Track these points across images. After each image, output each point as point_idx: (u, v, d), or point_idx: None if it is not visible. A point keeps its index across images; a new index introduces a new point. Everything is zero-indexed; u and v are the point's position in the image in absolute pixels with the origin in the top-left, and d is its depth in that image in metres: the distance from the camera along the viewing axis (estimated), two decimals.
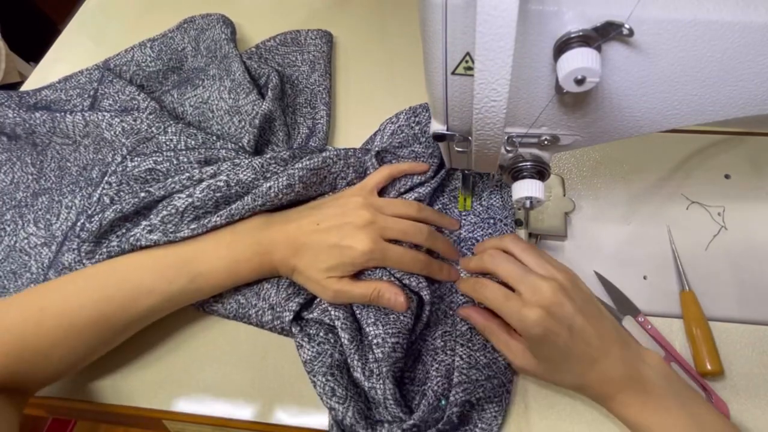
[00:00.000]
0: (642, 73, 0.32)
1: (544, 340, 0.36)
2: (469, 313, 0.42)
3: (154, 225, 0.44)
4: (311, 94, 0.60)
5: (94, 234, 0.46)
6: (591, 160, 0.54)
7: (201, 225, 0.43)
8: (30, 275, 0.50)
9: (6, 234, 0.53)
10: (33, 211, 0.54)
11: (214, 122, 0.57)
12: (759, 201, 0.49)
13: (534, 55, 0.31)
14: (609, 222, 0.50)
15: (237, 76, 0.57)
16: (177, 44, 0.64)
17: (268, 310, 0.44)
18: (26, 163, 0.57)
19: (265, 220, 0.44)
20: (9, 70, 0.97)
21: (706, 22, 0.29)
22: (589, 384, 0.38)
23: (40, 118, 0.56)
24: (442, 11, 0.29)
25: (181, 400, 0.43)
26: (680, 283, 0.45)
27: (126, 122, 0.53)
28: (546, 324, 0.36)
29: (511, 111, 0.35)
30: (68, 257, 0.49)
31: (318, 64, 0.62)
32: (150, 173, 0.49)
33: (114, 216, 0.45)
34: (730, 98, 0.33)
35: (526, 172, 0.39)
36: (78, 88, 0.61)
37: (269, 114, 0.54)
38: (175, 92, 0.61)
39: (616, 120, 0.35)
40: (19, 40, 1.19)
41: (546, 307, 0.36)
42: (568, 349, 0.36)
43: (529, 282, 0.37)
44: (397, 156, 0.51)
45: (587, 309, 0.37)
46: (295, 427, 0.42)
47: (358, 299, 0.42)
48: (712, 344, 0.41)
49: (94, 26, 0.74)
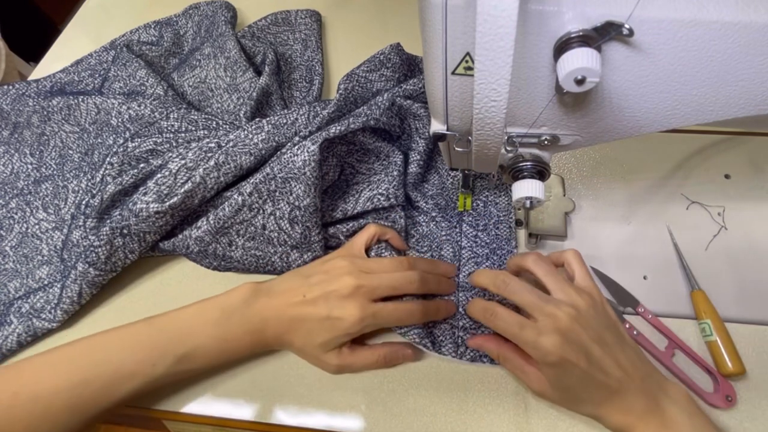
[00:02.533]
0: (642, 73, 0.32)
1: (560, 368, 0.35)
2: (481, 343, 0.42)
3: (149, 187, 0.45)
4: (306, 70, 0.62)
5: (97, 209, 0.47)
6: (591, 160, 0.54)
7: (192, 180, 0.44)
8: (41, 258, 0.51)
9: (15, 221, 0.53)
10: (39, 198, 0.55)
11: (214, 101, 0.59)
12: (759, 201, 0.49)
13: (534, 55, 0.31)
14: (609, 222, 0.50)
15: (232, 54, 0.60)
16: (180, 27, 0.67)
17: (293, 250, 0.45)
18: (24, 154, 0.58)
19: (252, 293, 0.41)
20: (9, 70, 0.97)
21: (706, 22, 0.29)
22: (607, 414, 0.37)
23: (57, 105, 0.58)
24: (442, 11, 0.29)
25: (181, 400, 0.43)
26: (688, 283, 0.45)
27: (132, 109, 0.54)
28: (562, 353, 0.35)
29: (511, 111, 0.35)
30: (75, 234, 0.50)
31: (310, 41, 0.65)
32: (150, 154, 0.50)
33: (114, 189, 0.47)
34: (730, 98, 0.33)
35: (526, 172, 0.39)
36: (89, 69, 0.64)
37: (266, 88, 0.56)
38: (175, 74, 0.63)
39: (616, 120, 0.35)
40: (19, 40, 1.19)
41: (563, 335, 0.35)
42: (586, 379, 0.35)
43: (546, 310, 0.36)
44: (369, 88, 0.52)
45: (607, 337, 0.36)
46: (295, 427, 0.42)
47: (362, 369, 0.42)
48: (731, 344, 0.41)
49: (94, 26, 0.74)
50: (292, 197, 0.45)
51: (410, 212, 0.50)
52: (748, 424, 0.39)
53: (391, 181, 0.48)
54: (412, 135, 0.52)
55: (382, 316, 0.40)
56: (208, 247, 0.47)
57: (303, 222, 0.45)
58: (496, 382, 0.42)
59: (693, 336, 0.43)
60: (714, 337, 0.41)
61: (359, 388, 0.43)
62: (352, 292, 0.40)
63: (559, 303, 0.37)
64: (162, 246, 0.48)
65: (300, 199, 0.44)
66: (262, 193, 0.45)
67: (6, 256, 0.51)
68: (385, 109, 0.50)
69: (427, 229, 0.49)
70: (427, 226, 0.49)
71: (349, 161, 0.51)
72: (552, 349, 0.35)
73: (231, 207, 0.45)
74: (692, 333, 0.43)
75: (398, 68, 0.55)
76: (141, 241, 0.46)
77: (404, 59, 0.56)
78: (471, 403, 0.41)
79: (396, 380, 0.43)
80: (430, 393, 0.42)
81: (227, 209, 0.45)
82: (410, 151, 0.52)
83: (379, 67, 0.54)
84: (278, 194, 0.45)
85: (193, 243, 0.47)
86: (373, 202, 0.47)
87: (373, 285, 0.41)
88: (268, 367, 0.44)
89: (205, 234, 0.46)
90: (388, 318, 0.41)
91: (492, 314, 0.38)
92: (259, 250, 0.47)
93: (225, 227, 0.46)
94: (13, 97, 0.61)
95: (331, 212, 0.48)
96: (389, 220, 0.47)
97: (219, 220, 0.45)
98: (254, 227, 0.46)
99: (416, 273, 0.42)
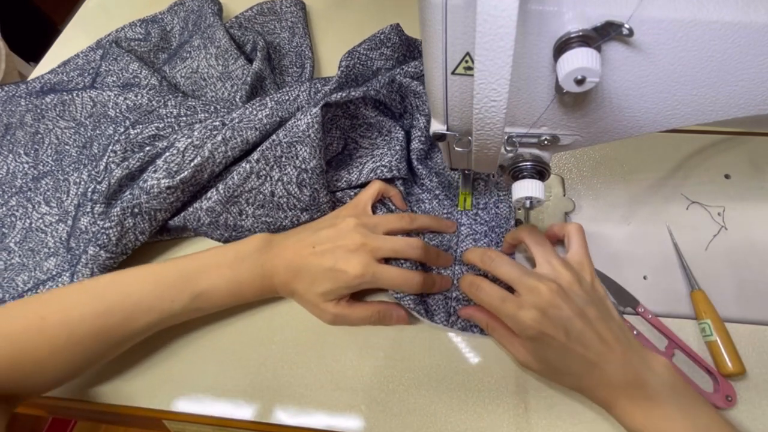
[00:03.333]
0: (642, 73, 0.32)
1: (539, 342, 0.36)
2: (471, 313, 0.43)
3: (158, 165, 0.46)
4: (296, 56, 0.64)
5: (105, 194, 0.48)
6: (591, 160, 0.54)
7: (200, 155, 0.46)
8: (48, 250, 0.51)
9: (17, 218, 0.53)
10: (40, 193, 0.55)
11: (207, 90, 0.60)
12: (759, 201, 0.49)
13: (534, 55, 0.31)
14: (609, 222, 0.50)
15: (222, 44, 0.60)
16: (166, 24, 0.67)
17: (303, 213, 0.47)
18: (19, 154, 0.58)
19: (265, 242, 0.44)
20: (9, 70, 0.97)
21: (706, 22, 0.29)
22: (588, 387, 0.37)
23: (50, 103, 0.58)
24: (442, 11, 0.29)
25: (181, 400, 0.43)
26: (688, 283, 0.45)
27: (129, 99, 0.54)
28: (540, 327, 0.36)
29: (511, 111, 0.35)
30: (84, 221, 0.50)
31: (297, 28, 0.66)
32: (154, 139, 0.51)
33: (121, 173, 0.47)
34: (730, 98, 0.33)
35: (526, 172, 0.39)
36: (77, 69, 0.64)
37: (260, 72, 0.57)
38: (167, 68, 0.63)
39: (616, 120, 0.35)
40: (19, 40, 1.19)
41: (542, 309, 0.36)
42: (565, 352, 0.36)
43: (527, 283, 0.37)
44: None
45: (590, 311, 0.37)
46: (295, 427, 0.42)
47: (357, 322, 0.45)
48: (732, 344, 0.41)
49: (94, 26, 0.74)
50: (298, 161, 0.46)
51: (413, 189, 0.52)
52: (748, 423, 0.39)
53: (393, 155, 0.49)
54: (413, 113, 0.53)
55: (382, 276, 0.42)
56: (219, 218, 0.48)
57: (311, 184, 0.46)
58: (496, 382, 0.42)
59: (693, 336, 0.43)
60: (714, 337, 0.41)
61: (359, 388, 0.43)
62: (358, 248, 0.42)
63: (542, 277, 0.38)
64: (172, 223, 0.49)
65: (306, 162, 0.46)
66: (269, 159, 0.46)
67: (11, 252, 0.51)
68: (386, 83, 0.51)
69: (429, 206, 0.51)
70: (430, 203, 0.51)
71: (353, 136, 0.53)
72: (531, 323, 0.36)
73: (240, 175, 0.46)
74: (692, 333, 0.43)
75: (397, 48, 0.56)
76: (152, 220, 0.47)
77: (403, 40, 0.57)
78: (471, 403, 0.41)
79: (396, 380, 0.43)
80: (430, 393, 0.42)
81: (236, 178, 0.46)
82: (412, 129, 0.53)
83: (379, 46, 0.55)
84: (284, 159, 0.46)
85: (204, 214, 0.47)
86: (376, 173, 0.49)
87: (378, 245, 0.43)
88: (268, 367, 0.44)
89: (215, 204, 0.47)
90: (387, 280, 0.42)
91: (477, 288, 0.40)
92: (269, 217, 0.48)
93: (235, 196, 0.47)
94: (3, 99, 0.61)
95: (336, 182, 0.50)
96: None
97: (228, 189, 0.46)
98: (263, 195, 0.47)
99: (419, 241, 0.44)
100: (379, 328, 0.45)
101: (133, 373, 0.45)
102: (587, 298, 0.38)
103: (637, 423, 0.35)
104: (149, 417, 0.44)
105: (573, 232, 0.42)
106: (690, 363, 0.42)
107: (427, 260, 0.45)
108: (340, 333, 0.45)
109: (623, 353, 0.36)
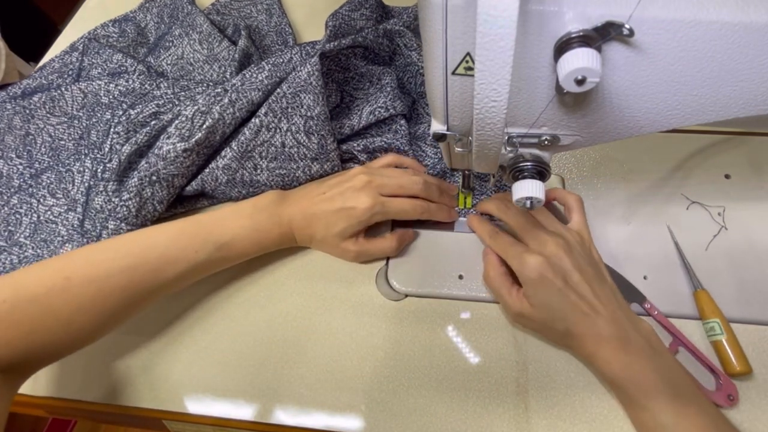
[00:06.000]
0: (642, 73, 0.32)
1: (539, 284, 0.39)
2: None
3: (170, 132, 0.48)
4: (276, 35, 0.65)
5: (116, 172, 0.49)
6: (591, 160, 0.54)
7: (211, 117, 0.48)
8: (61, 239, 0.51)
9: (23, 215, 0.53)
10: (43, 187, 0.55)
11: (195, 74, 0.61)
12: (759, 201, 0.49)
13: (534, 55, 0.31)
14: (609, 222, 0.50)
15: (204, 28, 0.61)
16: (140, 21, 0.68)
17: (313, 162, 0.50)
18: (11, 158, 0.57)
19: (281, 196, 0.48)
20: (9, 70, 0.97)
21: (706, 22, 0.29)
22: (577, 335, 0.39)
23: (38, 101, 0.58)
24: (442, 11, 0.29)
25: (181, 400, 0.43)
26: (689, 283, 0.45)
27: (121, 85, 0.55)
28: (543, 270, 0.39)
29: (511, 111, 0.35)
30: (98, 201, 0.50)
31: (273, 9, 0.67)
32: (155, 116, 0.52)
33: (131, 149, 0.49)
34: (730, 98, 0.33)
35: (527, 172, 0.39)
36: (55, 72, 0.64)
37: (246, 50, 0.59)
38: (151, 58, 0.63)
39: (616, 120, 0.35)
40: (19, 40, 1.19)
41: (547, 257, 0.40)
42: (562, 296, 0.39)
43: (535, 234, 0.42)
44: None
45: (588, 270, 0.40)
46: (295, 427, 0.42)
47: (378, 254, 0.48)
48: (737, 343, 0.41)
49: (94, 26, 0.73)
50: (303, 109, 0.49)
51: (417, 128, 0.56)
52: (749, 423, 0.39)
53: (386, 96, 0.53)
54: (403, 52, 0.57)
55: (390, 205, 0.46)
56: (235, 175, 0.50)
57: (317, 131, 0.49)
58: (496, 382, 0.42)
59: (694, 335, 0.43)
60: (722, 337, 0.41)
61: (359, 388, 0.43)
62: (364, 186, 0.45)
63: (551, 233, 0.42)
64: (190, 188, 0.50)
65: (311, 109, 0.49)
66: (276, 111, 0.49)
67: (23, 246, 0.51)
68: (371, 32, 0.55)
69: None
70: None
71: (347, 89, 0.56)
72: (534, 265, 0.40)
73: (251, 130, 0.49)
74: (693, 332, 0.43)
75: (375, 9, 0.60)
76: (170, 187, 0.49)
77: (378, 1, 0.61)
78: (471, 403, 0.41)
79: (396, 380, 0.43)
80: (430, 393, 0.42)
81: (248, 133, 0.49)
82: (407, 66, 0.57)
83: (358, 7, 0.58)
84: (290, 109, 0.49)
85: (221, 173, 0.50)
86: (375, 114, 0.53)
87: (383, 181, 0.46)
88: (268, 367, 0.44)
89: (231, 161, 0.49)
90: (394, 208, 0.46)
91: (491, 233, 0.45)
92: (283, 169, 0.51)
93: (248, 150, 0.49)
94: None
95: (339, 130, 0.53)
96: (392, 131, 0.53)
97: (242, 144, 0.49)
98: (275, 147, 0.50)
99: (422, 177, 0.48)
100: (379, 327, 0.45)
101: (133, 373, 0.45)
102: (588, 259, 0.41)
103: (615, 370, 0.38)
104: (149, 417, 0.44)
105: (574, 203, 0.45)
106: (693, 361, 0.42)
107: (430, 196, 0.48)
108: (340, 333, 0.45)
109: (613, 311, 0.39)
